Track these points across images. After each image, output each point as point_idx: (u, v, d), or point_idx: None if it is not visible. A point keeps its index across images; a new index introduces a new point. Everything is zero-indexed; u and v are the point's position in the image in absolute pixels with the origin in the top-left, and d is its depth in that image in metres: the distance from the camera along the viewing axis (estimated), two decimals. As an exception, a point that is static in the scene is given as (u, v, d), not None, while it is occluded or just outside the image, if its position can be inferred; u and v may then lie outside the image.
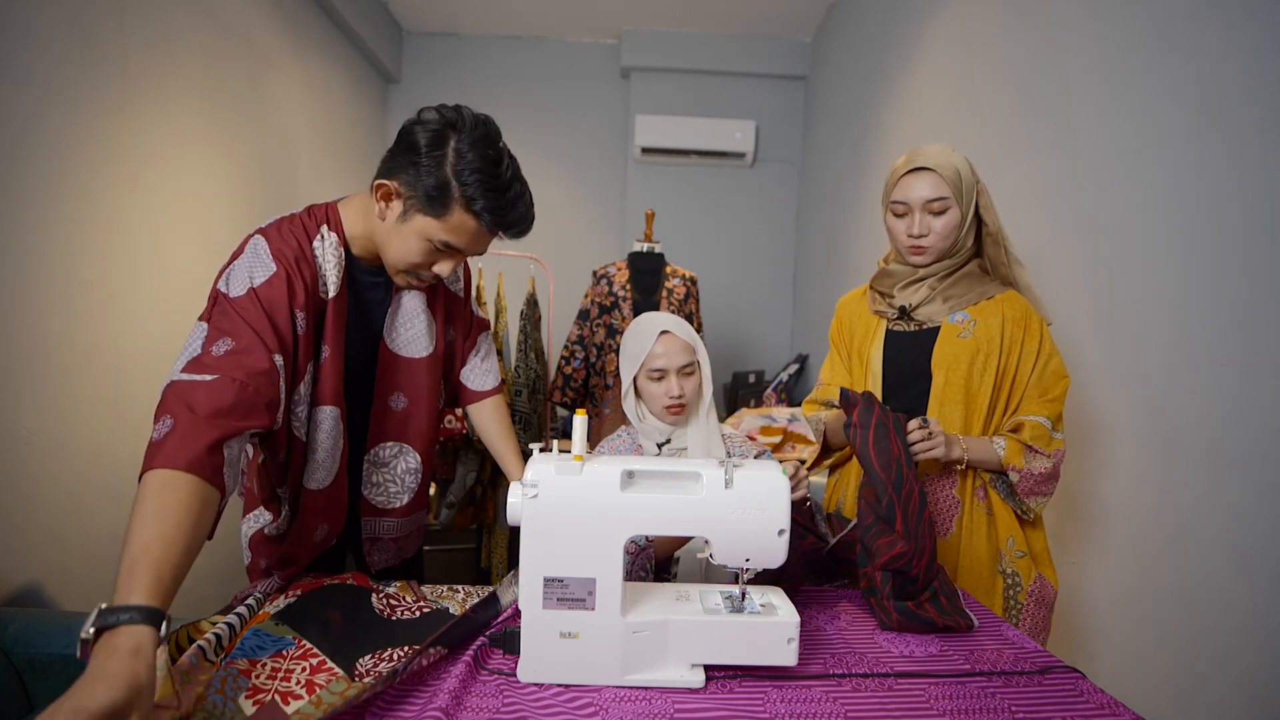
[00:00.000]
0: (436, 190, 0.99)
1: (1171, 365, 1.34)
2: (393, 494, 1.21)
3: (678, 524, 0.86)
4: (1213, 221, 1.26)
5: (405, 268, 1.07)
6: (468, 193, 0.99)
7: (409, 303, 1.17)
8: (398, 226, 1.03)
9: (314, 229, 1.06)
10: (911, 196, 1.21)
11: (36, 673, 1.39)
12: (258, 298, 0.96)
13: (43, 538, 1.78)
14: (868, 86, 2.97)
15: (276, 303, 0.97)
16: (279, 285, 0.98)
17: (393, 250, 1.05)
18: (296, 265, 1.00)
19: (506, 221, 1.03)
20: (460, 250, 1.05)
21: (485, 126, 1.02)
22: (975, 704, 0.83)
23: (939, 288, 1.25)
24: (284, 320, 0.97)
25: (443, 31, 4.03)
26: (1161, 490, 1.36)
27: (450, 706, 0.77)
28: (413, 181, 0.99)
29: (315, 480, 1.09)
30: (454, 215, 1.00)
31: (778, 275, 4.13)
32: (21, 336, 1.71)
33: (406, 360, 1.18)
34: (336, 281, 1.05)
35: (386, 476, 1.20)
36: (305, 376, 1.02)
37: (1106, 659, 1.45)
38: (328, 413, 1.06)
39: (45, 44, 1.75)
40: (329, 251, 1.05)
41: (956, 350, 1.23)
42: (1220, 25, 1.25)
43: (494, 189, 1.00)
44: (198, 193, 2.40)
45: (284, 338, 0.96)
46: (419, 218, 1.01)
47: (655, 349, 1.24)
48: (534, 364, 2.92)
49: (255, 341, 0.92)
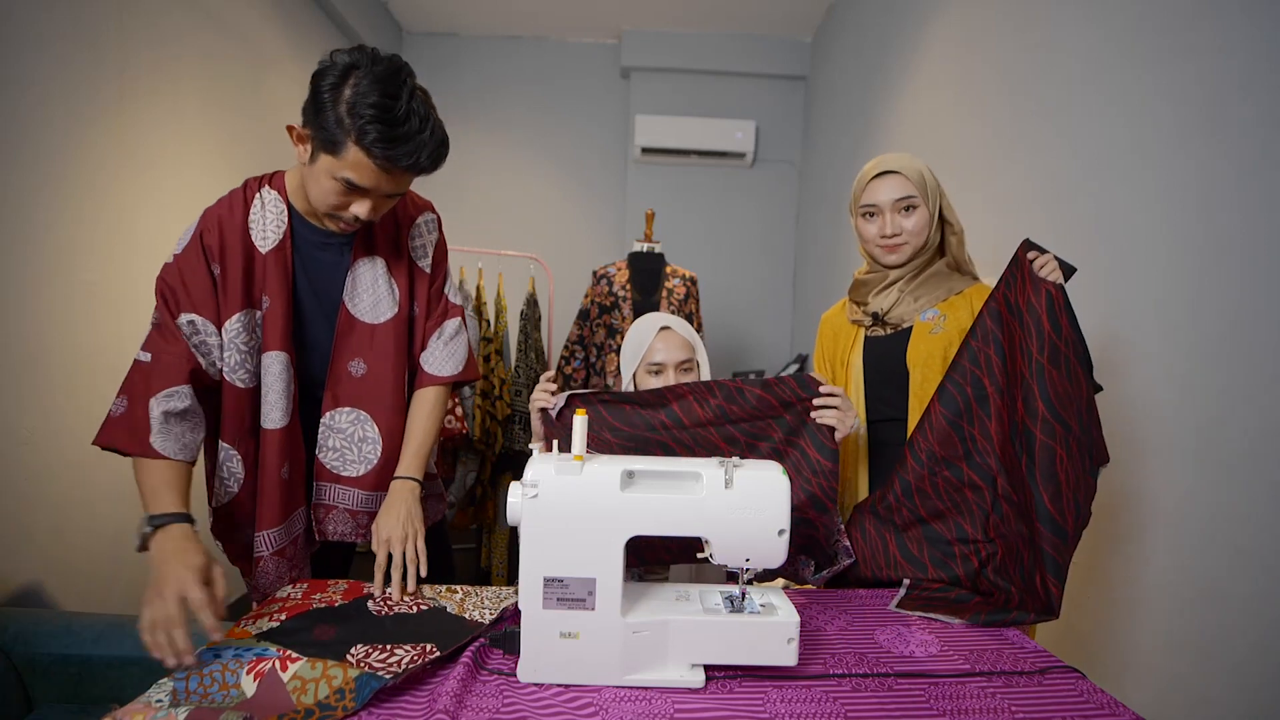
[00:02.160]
0: (334, 127, 1.01)
1: (1170, 365, 1.34)
2: (349, 461, 1.21)
3: (678, 524, 0.86)
4: (1213, 221, 1.26)
5: (325, 209, 1.10)
6: (359, 125, 1.00)
7: (365, 268, 1.21)
8: (310, 168, 1.07)
9: (254, 190, 1.15)
10: (880, 199, 1.27)
11: (36, 673, 1.39)
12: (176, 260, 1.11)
13: (43, 537, 1.78)
14: (868, 86, 2.97)
15: (190, 261, 1.10)
16: (193, 246, 1.10)
17: (311, 192, 1.09)
18: (218, 225, 1.11)
19: (396, 154, 1.02)
20: (365, 189, 1.06)
21: (389, 63, 1.03)
22: (975, 704, 0.83)
23: (908, 289, 1.29)
24: (199, 274, 1.10)
25: (443, 31, 4.04)
26: (1161, 490, 1.36)
27: (451, 707, 0.77)
28: (316, 122, 1.03)
29: (271, 420, 1.15)
30: (349, 151, 1.02)
31: (778, 275, 4.14)
32: (22, 337, 1.71)
33: (366, 325, 1.21)
34: (276, 235, 1.13)
35: (343, 442, 1.21)
36: (231, 320, 1.11)
37: (1106, 659, 1.45)
38: (275, 358, 1.14)
39: (46, 44, 1.75)
40: (267, 207, 1.13)
41: (929, 347, 1.25)
42: (1220, 25, 1.25)
43: (385, 122, 1.00)
44: (198, 193, 2.40)
45: (199, 290, 1.09)
46: (322, 156, 1.04)
47: (655, 344, 1.25)
48: (534, 364, 2.92)
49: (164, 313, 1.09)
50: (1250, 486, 1.17)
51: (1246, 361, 1.19)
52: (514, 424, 2.83)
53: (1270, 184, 1.15)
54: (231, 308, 1.10)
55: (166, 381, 1.06)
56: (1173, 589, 1.32)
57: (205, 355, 1.10)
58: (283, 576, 1.19)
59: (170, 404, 1.05)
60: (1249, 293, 1.19)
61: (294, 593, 1.10)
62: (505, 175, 4.09)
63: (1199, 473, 1.27)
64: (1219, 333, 1.24)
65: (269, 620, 0.98)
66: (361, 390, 1.21)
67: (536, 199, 4.12)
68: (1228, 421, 1.22)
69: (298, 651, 0.88)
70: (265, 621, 0.98)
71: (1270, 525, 1.14)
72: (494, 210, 4.09)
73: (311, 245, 1.18)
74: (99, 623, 1.43)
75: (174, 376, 1.07)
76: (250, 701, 0.78)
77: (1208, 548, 1.25)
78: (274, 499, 1.15)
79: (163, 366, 1.07)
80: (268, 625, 0.96)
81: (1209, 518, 1.25)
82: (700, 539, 0.88)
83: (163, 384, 1.06)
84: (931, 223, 1.27)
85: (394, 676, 0.82)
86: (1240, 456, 1.19)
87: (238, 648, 0.88)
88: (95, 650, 1.39)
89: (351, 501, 1.23)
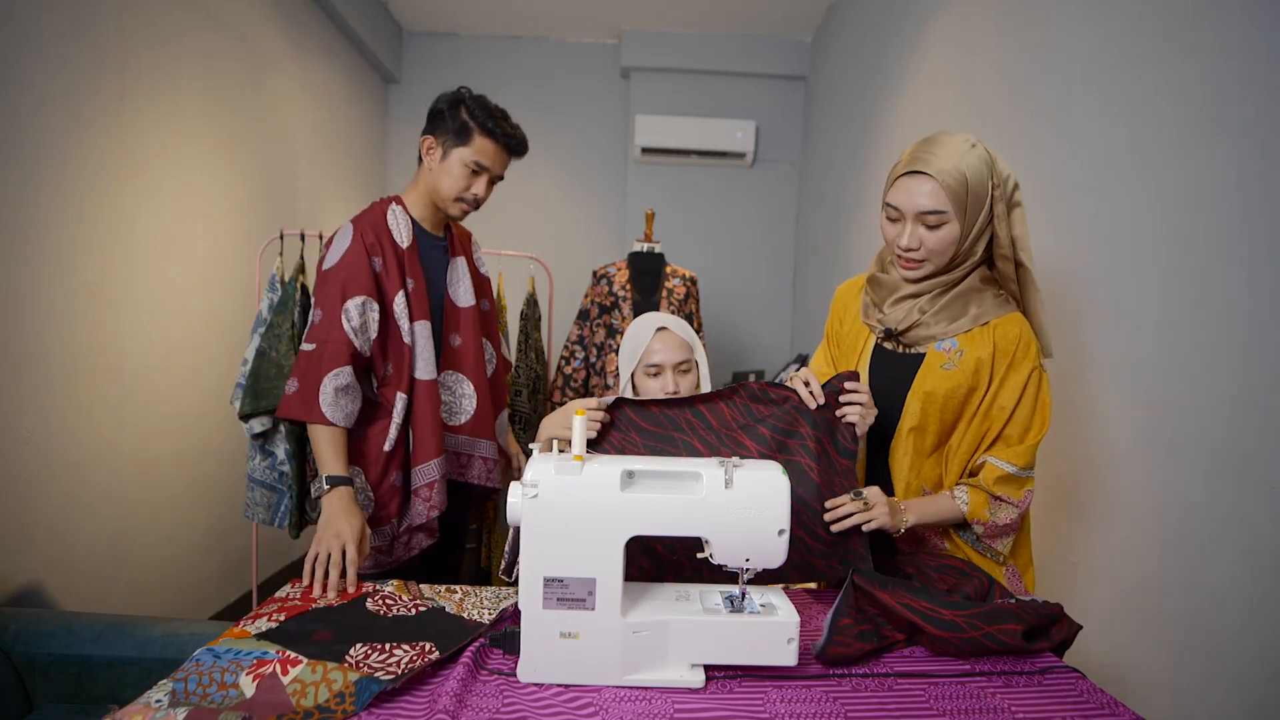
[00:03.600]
0: (461, 128, 1.44)
1: (1172, 365, 1.34)
2: (455, 412, 1.57)
3: (678, 524, 0.86)
4: (1213, 221, 1.26)
5: (455, 194, 1.46)
6: (480, 121, 1.43)
7: (458, 263, 1.59)
8: (441, 165, 1.46)
9: (385, 207, 1.48)
10: (905, 203, 1.07)
11: (36, 673, 1.39)
12: (344, 259, 1.39)
13: (43, 537, 1.78)
14: (868, 86, 2.97)
15: (356, 255, 1.39)
16: (356, 246, 1.39)
17: (443, 184, 1.46)
18: (373, 229, 1.42)
19: (511, 134, 1.47)
20: (487, 169, 1.46)
21: (482, 95, 1.49)
22: (975, 704, 0.83)
23: (929, 310, 1.13)
24: (364, 266, 1.38)
25: (443, 31, 4.03)
26: (1162, 490, 1.36)
27: (452, 707, 0.77)
28: (444, 130, 1.45)
29: (423, 372, 1.46)
30: (476, 140, 1.44)
31: (777, 275, 4.13)
32: (22, 336, 1.71)
33: (460, 309, 1.58)
34: (408, 237, 1.46)
35: (450, 397, 1.56)
36: (398, 296, 1.42)
37: (1106, 659, 1.45)
38: (422, 327, 1.46)
39: (46, 44, 1.75)
40: (399, 218, 1.47)
41: (935, 383, 1.13)
42: (1220, 25, 1.25)
43: (497, 118, 1.46)
44: (198, 193, 2.40)
45: (365, 278, 1.38)
46: (454, 151, 1.45)
47: (652, 345, 1.25)
48: (534, 364, 2.92)
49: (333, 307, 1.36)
50: (1255, 488, 1.17)
51: (1247, 361, 1.19)
52: (514, 424, 2.82)
53: (1270, 184, 1.15)
54: (394, 288, 1.42)
55: (334, 363, 1.34)
56: (1173, 589, 1.32)
57: (364, 335, 1.37)
58: (434, 507, 1.47)
59: (338, 381, 1.34)
60: (1249, 292, 1.18)
61: (293, 593, 1.10)
62: (505, 175, 4.09)
63: (1201, 473, 1.27)
64: (1219, 333, 1.24)
65: (268, 620, 0.98)
66: (460, 357, 1.56)
67: (536, 199, 4.12)
68: (1231, 421, 1.22)
69: (297, 652, 0.88)
70: (264, 622, 0.98)
71: (1272, 526, 1.14)
72: (494, 210, 4.05)
73: (426, 247, 1.52)
74: (99, 623, 1.43)
75: (339, 359, 1.35)
76: (249, 702, 0.78)
77: (1209, 549, 1.25)
78: (431, 434, 1.46)
79: (330, 353, 1.34)
80: (266, 626, 0.96)
81: (1211, 518, 1.25)
82: (700, 539, 0.88)
83: (332, 365, 1.34)
84: (965, 237, 1.07)
85: (394, 679, 0.82)
86: (1244, 458, 1.19)
87: (237, 648, 0.88)
88: (95, 650, 1.39)
89: (457, 445, 1.57)
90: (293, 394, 1.37)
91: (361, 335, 1.38)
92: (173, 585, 2.32)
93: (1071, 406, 1.59)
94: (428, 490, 1.46)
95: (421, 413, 1.45)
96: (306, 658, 0.86)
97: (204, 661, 0.84)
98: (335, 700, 0.78)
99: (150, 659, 1.37)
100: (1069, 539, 1.59)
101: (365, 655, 0.88)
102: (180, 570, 2.37)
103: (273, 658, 0.85)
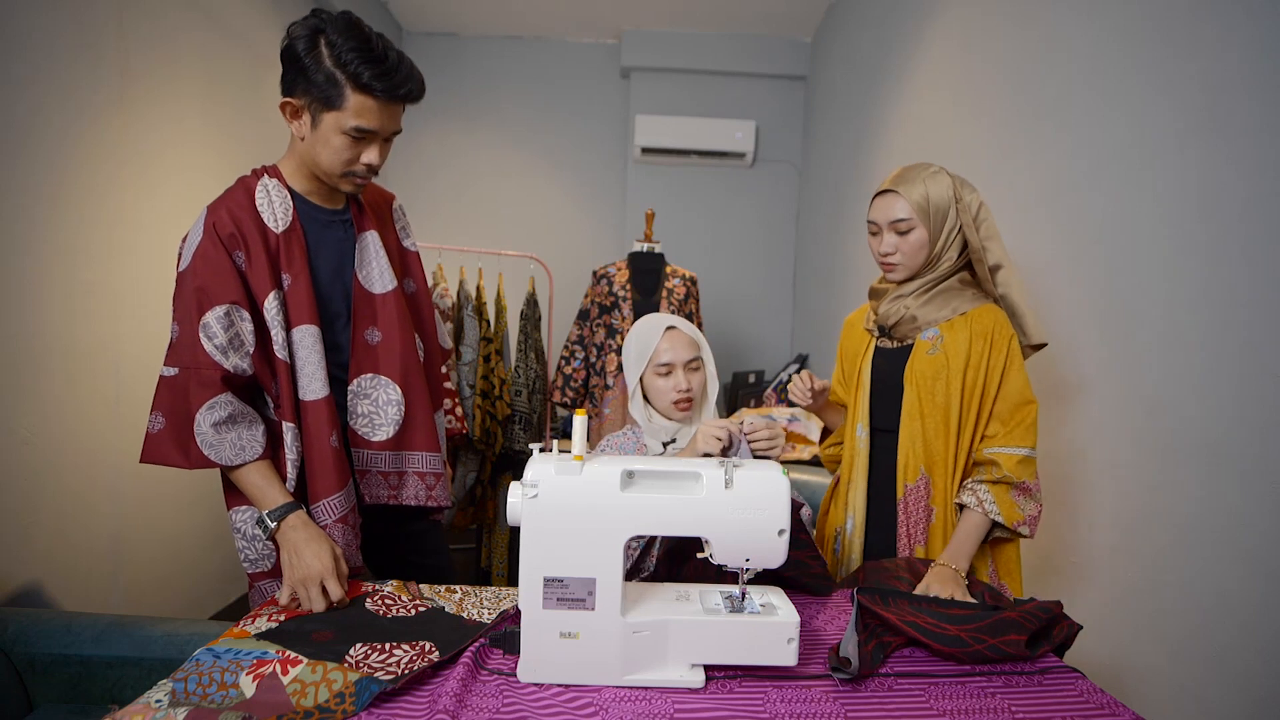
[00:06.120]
0: (327, 84, 1.08)
1: (1172, 366, 1.34)
2: (377, 425, 1.27)
3: (678, 524, 0.86)
4: (1213, 222, 1.26)
5: (338, 169, 1.15)
6: (351, 71, 1.07)
7: (369, 240, 1.28)
8: (314, 135, 1.12)
9: (254, 182, 1.18)
10: (880, 216, 1.28)
11: (36, 673, 1.39)
12: (195, 259, 1.12)
13: (43, 537, 1.78)
14: (868, 86, 2.97)
15: (210, 253, 1.11)
16: (208, 242, 1.12)
17: (323, 159, 1.14)
18: (228, 215, 1.13)
19: (395, 84, 1.11)
20: (374, 131, 1.12)
21: (347, 16, 1.10)
22: (975, 704, 0.83)
23: (913, 305, 1.30)
24: (224, 264, 1.12)
25: (443, 31, 4.03)
26: (1162, 491, 1.36)
27: (452, 707, 0.77)
28: (306, 88, 1.09)
29: (311, 392, 1.18)
30: (350, 100, 1.09)
31: (778, 275, 4.13)
32: (22, 336, 1.71)
33: (375, 295, 1.27)
34: (285, 217, 1.17)
35: (370, 407, 1.27)
36: (269, 299, 1.14)
37: (1106, 659, 1.45)
38: (306, 331, 1.17)
39: (45, 44, 1.75)
40: (272, 194, 1.17)
41: (924, 367, 1.27)
42: (1220, 25, 1.25)
43: (373, 61, 1.08)
44: (198, 193, 2.40)
45: (226, 280, 1.11)
46: (325, 116, 1.10)
47: (661, 344, 1.25)
48: (534, 364, 2.92)
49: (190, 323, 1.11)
50: (1257, 488, 1.17)
51: (1248, 362, 1.19)
52: (514, 424, 2.83)
53: (1270, 184, 1.15)
54: (264, 288, 1.14)
55: (205, 394, 1.10)
56: (1172, 590, 1.32)
57: (237, 351, 1.12)
58: (349, 545, 1.21)
59: (215, 415, 1.10)
60: (1250, 292, 1.18)
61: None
62: (505, 175, 4.09)
63: (1203, 474, 1.27)
64: (1220, 333, 1.24)
65: (267, 621, 0.98)
66: (379, 356, 1.27)
67: (536, 199, 4.12)
68: (1231, 422, 1.22)
69: (297, 652, 0.88)
70: (264, 622, 0.98)
71: (1272, 527, 1.14)
72: (494, 210, 4.09)
73: (318, 225, 1.23)
74: (99, 623, 1.43)
75: (210, 388, 1.11)
76: (249, 702, 0.78)
77: (1209, 549, 1.25)
78: (329, 466, 1.19)
79: (197, 380, 1.11)
80: (266, 626, 0.97)
81: (1210, 519, 1.25)
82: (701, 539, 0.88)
83: (203, 397, 1.10)
84: (934, 243, 1.26)
85: (394, 680, 0.82)
86: (1247, 458, 1.19)
87: (237, 648, 0.88)
88: (95, 650, 1.39)
89: (383, 464, 1.30)
90: (159, 432, 1.12)
91: (234, 352, 1.12)
92: (173, 585, 2.32)
93: (1071, 406, 1.59)
94: (340, 527, 1.20)
95: (314, 440, 1.18)
96: (306, 658, 0.86)
97: (204, 661, 0.84)
98: (335, 700, 0.78)
99: (150, 659, 1.37)
100: (1069, 539, 1.59)
101: (365, 655, 0.88)
102: (180, 570, 2.37)
103: (273, 658, 0.85)
